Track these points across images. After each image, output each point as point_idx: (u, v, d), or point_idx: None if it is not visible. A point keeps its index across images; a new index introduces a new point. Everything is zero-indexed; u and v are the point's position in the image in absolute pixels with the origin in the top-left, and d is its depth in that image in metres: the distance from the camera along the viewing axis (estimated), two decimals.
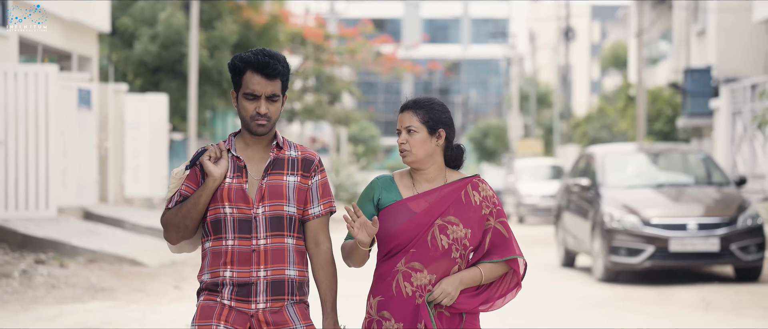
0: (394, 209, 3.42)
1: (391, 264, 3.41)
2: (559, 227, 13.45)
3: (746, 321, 8.68)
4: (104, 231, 13.77)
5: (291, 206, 3.35)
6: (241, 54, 3.34)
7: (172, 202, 3.39)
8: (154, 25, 21.04)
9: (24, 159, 12.18)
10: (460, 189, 3.44)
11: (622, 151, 13.59)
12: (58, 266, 11.14)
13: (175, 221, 3.34)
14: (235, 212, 3.32)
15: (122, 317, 8.53)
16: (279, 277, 3.33)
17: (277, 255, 3.33)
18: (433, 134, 3.43)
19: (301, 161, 3.41)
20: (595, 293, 10.61)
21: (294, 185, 3.37)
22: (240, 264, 3.31)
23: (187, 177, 3.39)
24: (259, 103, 3.31)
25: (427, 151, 3.43)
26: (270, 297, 3.32)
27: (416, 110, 3.44)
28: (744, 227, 11.03)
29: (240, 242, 3.31)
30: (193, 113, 20.36)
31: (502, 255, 3.42)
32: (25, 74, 12.16)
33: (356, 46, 27.78)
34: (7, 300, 9.18)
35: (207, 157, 3.33)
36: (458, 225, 3.40)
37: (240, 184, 3.34)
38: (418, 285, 3.37)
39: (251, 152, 3.39)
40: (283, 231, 3.34)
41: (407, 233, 3.38)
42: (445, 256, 3.38)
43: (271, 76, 3.30)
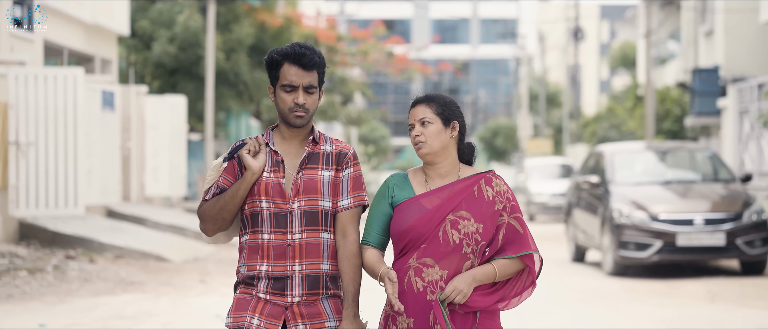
0: (406, 206, 3.40)
1: (404, 260, 3.39)
2: (569, 224, 13.83)
3: (751, 311, 9.05)
4: (128, 229, 14.22)
5: (326, 200, 3.38)
6: (278, 48, 3.39)
7: (210, 194, 3.41)
8: (171, 27, 21.50)
9: (53, 159, 12.63)
10: (473, 184, 3.42)
11: (630, 149, 13.98)
12: (87, 261, 11.59)
13: (212, 213, 3.37)
14: (272, 207, 3.35)
15: (154, 308, 8.96)
16: (314, 271, 3.36)
17: (312, 249, 3.36)
18: (448, 125, 3.43)
19: (336, 155, 3.43)
20: (605, 286, 10.99)
21: (328, 179, 3.39)
22: (276, 258, 3.34)
23: (225, 170, 3.41)
24: (297, 94, 3.35)
25: (443, 142, 3.41)
26: (305, 291, 3.35)
27: (429, 103, 3.45)
28: (749, 222, 11.40)
29: (276, 236, 3.34)
30: (210, 114, 20.81)
31: (516, 251, 3.38)
32: (55, 77, 12.61)
33: (368, 47, 28.21)
34: (44, 293, 9.63)
35: (246, 150, 3.36)
36: (470, 220, 3.37)
37: (277, 179, 3.37)
38: (430, 280, 3.35)
39: (288, 147, 3.42)
40: (318, 226, 3.37)
41: (418, 228, 3.36)
42: (456, 251, 3.35)
43: (308, 67, 3.35)
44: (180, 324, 8.10)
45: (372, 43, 28.44)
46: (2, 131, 12.31)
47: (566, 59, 45.30)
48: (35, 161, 12.53)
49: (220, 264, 12.58)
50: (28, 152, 12.47)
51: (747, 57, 21.30)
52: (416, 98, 3.50)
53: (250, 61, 22.38)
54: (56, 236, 12.53)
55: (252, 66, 22.36)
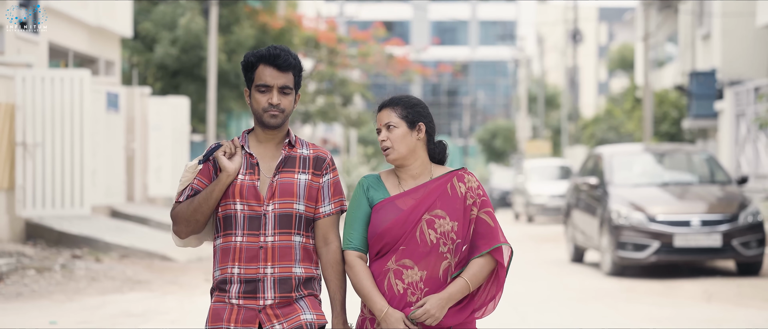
0: (382, 207, 3.39)
1: (382, 262, 3.38)
2: (568, 225, 14.02)
3: (747, 311, 9.23)
4: (132, 229, 14.39)
5: (300, 204, 3.37)
6: (254, 50, 3.40)
7: (184, 196, 3.39)
8: (174, 29, 21.67)
9: (59, 160, 12.81)
10: (445, 182, 3.42)
11: (628, 151, 14.16)
12: (94, 261, 11.77)
13: (185, 214, 3.35)
14: (246, 209, 3.33)
15: (161, 306, 9.13)
16: (286, 274, 3.34)
17: (284, 252, 3.34)
18: (413, 127, 3.42)
19: (313, 160, 3.42)
20: (603, 286, 11.17)
21: (305, 183, 3.38)
22: (247, 260, 3.31)
23: (200, 172, 3.40)
24: (272, 94, 3.34)
25: (409, 146, 3.41)
26: (278, 294, 3.34)
27: (393, 107, 3.44)
28: (745, 223, 11.59)
29: (248, 238, 3.32)
30: (211, 115, 20.98)
31: (487, 245, 3.38)
32: (61, 79, 12.78)
33: (368, 49, 28.40)
34: (53, 291, 9.81)
35: (222, 152, 3.35)
36: (445, 218, 3.37)
37: (252, 181, 3.35)
38: (410, 282, 3.35)
39: (264, 150, 3.41)
40: (291, 229, 3.35)
41: (395, 230, 3.35)
42: (433, 251, 3.35)
43: (283, 68, 3.34)
44: (188, 322, 8.27)
45: (372, 45, 28.62)
46: (9, 132, 12.49)
47: (565, 61, 45.50)
48: (42, 162, 12.70)
49: None
50: (34, 152, 12.64)
51: (744, 60, 21.50)
52: (381, 102, 3.50)
53: None
54: (62, 236, 12.71)
55: None
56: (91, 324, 8.06)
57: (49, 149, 12.74)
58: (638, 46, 29.35)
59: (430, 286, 3.35)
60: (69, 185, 12.88)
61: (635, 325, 8.42)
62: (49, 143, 12.72)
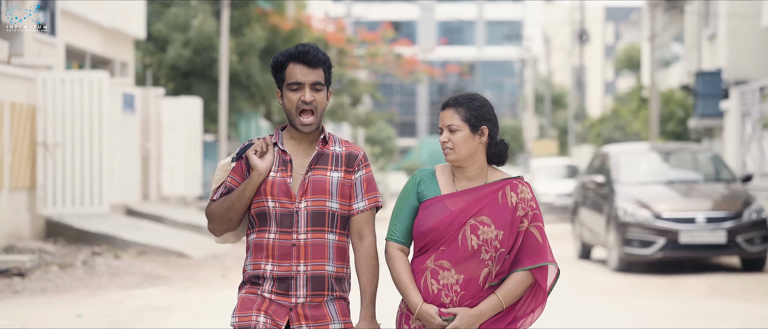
0: (431, 204, 3.37)
1: (422, 259, 3.37)
2: (576, 222, 14.29)
3: (750, 305, 9.50)
4: (148, 227, 14.72)
5: (334, 202, 3.35)
6: (282, 50, 3.39)
7: (217, 194, 3.40)
8: (186, 31, 22.00)
9: (79, 160, 13.13)
10: (498, 190, 3.37)
11: (635, 150, 14.42)
12: (113, 257, 12.09)
13: (219, 213, 3.35)
14: (278, 207, 3.32)
15: (182, 300, 9.44)
16: (319, 272, 3.33)
17: (317, 250, 3.32)
18: (476, 131, 3.37)
19: (345, 157, 3.40)
20: (610, 282, 11.44)
21: (337, 180, 3.36)
22: (280, 258, 3.31)
23: (233, 170, 3.40)
24: (304, 91, 3.33)
25: (470, 149, 3.36)
26: (310, 292, 3.32)
27: (457, 108, 3.38)
28: (749, 220, 11.85)
29: (281, 236, 3.31)
30: (223, 115, 21.30)
31: (533, 261, 3.33)
32: (80, 81, 13.11)
33: (377, 50, 28.71)
34: (76, 287, 10.13)
35: (253, 151, 3.34)
36: (490, 226, 3.32)
37: (284, 178, 3.34)
38: (445, 283, 3.32)
39: (297, 146, 3.39)
40: (324, 227, 3.34)
41: (439, 230, 3.32)
42: (474, 257, 3.32)
43: (313, 64, 3.33)
44: (208, 315, 8.57)
45: (381, 46, 28.93)
46: (30, 133, 12.82)
47: (571, 61, 45.73)
48: (62, 162, 13.03)
49: (238, 261, 13.06)
50: (55, 152, 12.97)
51: (749, 60, 21.74)
52: (445, 101, 3.43)
53: (262, 63, 22.88)
54: (81, 234, 13.03)
55: (264, 68, 22.86)
56: (115, 317, 8.37)
57: (68, 148, 13.06)
58: (644, 46, 29.60)
59: (466, 290, 3.31)
60: (88, 184, 13.21)
61: (641, 319, 8.69)
62: (69, 143, 13.05)
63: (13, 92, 12.36)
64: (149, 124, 17.68)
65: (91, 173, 13.20)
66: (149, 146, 17.60)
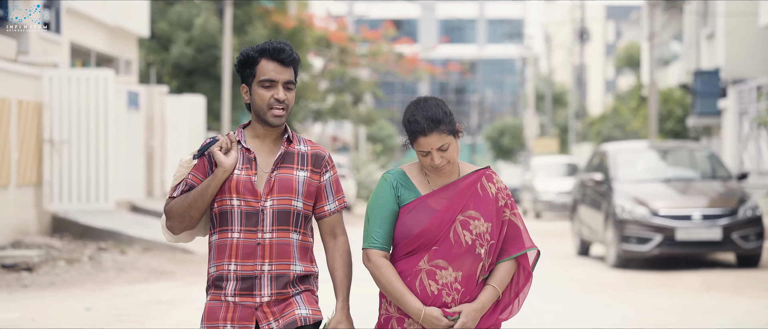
0: (414, 206, 3.33)
1: (412, 262, 3.32)
2: (574, 219, 14.49)
3: (743, 300, 9.70)
4: (153, 223, 14.91)
5: (299, 201, 3.31)
6: (253, 46, 3.33)
7: (178, 191, 3.32)
8: (189, 29, 22.21)
9: (85, 157, 13.34)
10: (475, 182, 3.38)
11: (633, 148, 14.62)
12: (119, 253, 12.30)
13: (179, 210, 3.28)
14: (243, 205, 3.27)
15: (187, 295, 9.64)
16: (284, 271, 3.29)
17: (282, 249, 3.28)
18: (457, 135, 3.39)
19: (312, 157, 3.37)
20: (608, 278, 11.64)
21: (304, 179, 3.33)
22: (244, 257, 3.25)
23: (195, 167, 3.33)
24: (277, 89, 3.28)
25: (458, 151, 3.38)
26: (275, 291, 3.28)
27: (439, 127, 3.31)
28: (744, 217, 12.05)
29: (245, 235, 3.26)
30: (226, 112, 21.51)
31: (517, 249, 3.40)
32: (86, 79, 13.31)
33: (378, 48, 28.91)
34: (83, 281, 10.33)
35: (218, 147, 3.28)
36: (479, 220, 3.33)
37: (249, 176, 3.29)
38: (444, 283, 3.31)
39: (261, 145, 3.35)
40: (288, 226, 3.29)
41: (431, 231, 3.30)
42: (469, 252, 3.32)
43: (287, 63, 3.29)
44: None
45: (382, 44, 29.13)
46: (37, 130, 13.02)
47: (572, 60, 45.91)
48: (68, 158, 13.24)
49: None
50: (61, 149, 13.17)
51: (747, 59, 21.94)
52: (423, 127, 3.31)
53: None
54: (87, 230, 13.23)
55: None
56: (123, 310, 8.57)
57: (74, 145, 13.27)
58: (644, 45, 29.79)
59: (466, 287, 3.32)
60: (94, 180, 13.41)
61: (636, 314, 8.89)
62: (75, 140, 13.25)
63: (20, 90, 12.57)
64: (153, 121, 17.88)
65: (97, 169, 13.41)
66: (153, 143, 17.81)
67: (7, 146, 12.08)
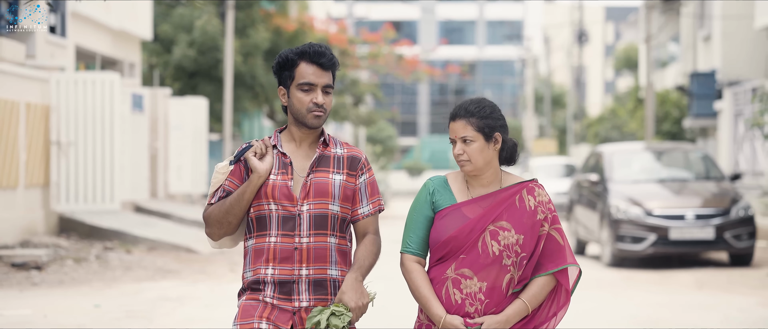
0: (448, 213, 3.30)
1: (441, 269, 3.30)
2: (571, 219, 14.77)
3: (734, 297, 9.96)
4: (157, 223, 15.18)
5: (335, 204, 3.29)
6: (293, 48, 3.31)
7: (215, 197, 3.31)
8: (191, 32, 22.47)
9: (91, 158, 13.62)
10: (515, 194, 3.31)
11: (628, 149, 14.89)
12: (124, 252, 12.57)
13: (217, 217, 3.27)
14: (280, 210, 3.25)
15: (194, 292, 9.91)
16: (321, 276, 3.27)
17: (320, 253, 3.26)
18: (490, 140, 3.29)
19: (347, 159, 3.35)
20: (603, 276, 11.90)
21: (340, 183, 3.31)
22: (282, 261, 3.24)
23: (231, 173, 3.32)
24: (316, 93, 3.27)
25: (486, 158, 3.29)
26: (312, 296, 3.26)
27: (469, 118, 3.29)
28: (737, 217, 12.32)
29: (283, 239, 3.24)
30: (228, 114, 21.77)
31: (555, 265, 3.29)
32: (93, 82, 13.59)
33: (378, 50, 29.19)
34: (91, 279, 10.60)
35: (252, 153, 3.27)
36: (510, 231, 3.27)
37: (285, 181, 3.27)
38: (468, 292, 3.26)
39: (296, 149, 3.34)
40: (326, 230, 3.27)
41: (459, 239, 3.26)
42: (495, 263, 3.26)
43: (326, 66, 3.28)
44: (220, 305, 9.03)
45: (382, 47, 29.41)
46: (44, 132, 13.29)
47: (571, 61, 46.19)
48: (74, 160, 13.51)
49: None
50: (68, 151, 13.45)
51: (742, 62, 22.21)
52: (455, 111, 3.33)
53: (266, 64, 23.35)
54: (93, 230, 13.50)
55: (268, 69, 23.33)
56: (132, 307, 8.83)
57: (81, 147, 13.54)
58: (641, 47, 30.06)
59: (490, 298, 3.27)
60: (100, 181, 13.69)
61: (630, 310, 9.15)
62: (82, 142, 13.53)
63: (28, 93, 12.84)
64: (157, 123, 18.15)
65: (103, 171, 13.69)
66: (157, 145, 18.07)
67: (16, 148, 12.36)
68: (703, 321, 8.44)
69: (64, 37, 15.91)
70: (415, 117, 70.41)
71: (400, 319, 4.20)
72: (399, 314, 3.97)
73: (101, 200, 13.64)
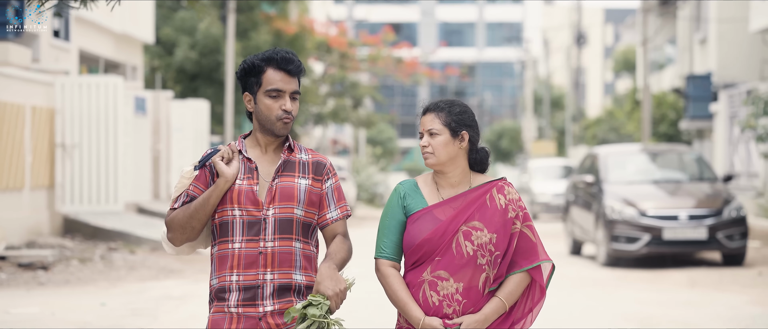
0: (420, 216, 3.33)
1: (417, 273, 3.32)
2: (567, 220, 15.00)
3: (725, 295, 10.20)
4: (159, 224, 15.41)
5: (300, 209, 3.29)
6: (258, 54, 3.30)
7: (179, 202, 3.30)
8: (193, 35, 22.72)
9: (96, 160, 13.87)
10: (485, 193, 3.35)
11: (623, 151, 15.13)
12: (128, 252, 12.81)
13: (181, 221, 3.25)
14: (244, 215, 3.24)
15: (197, 291, 10.15)
16: (286, 281, 3.26)
17: (285, 258, 3.25)
18: (456, 136, 3.35)
19: (313, 165, 3.35)
20: (598, 275, 12.14)
21: (305, 187, 3.31)
22: (246, 267, 3.22)
23: (196, 178, 3.31)
24: (284, 100, 3.27)
25: (450, 154, 3.35)
26: (277, 300, 3.25)
27: (438, 113, 3.36)
28: (729, 218, 12.55)
29: (247, 244, 3.23)
30: (229, 117, 22.02)
31: (529, 262, 3.34)
32: (97, 85, 13.84)
33: (378, 53, 29.45)
34: (96, 279, 10.85)
35: (219, 157, 3.26)
36: (483, 230, 3.31)
37: (250, 186, 3.27)
38: (445, 294, 3.29)
39: (262, 154, 3.33)
40: (291, 234, 3.27)
41: (433, 241, 3.29)
42: (470, 263, 3.29)
43: (294, 73, 3.28)
44: None
45: (382, 49, 29.66)
46: (49, 134, 13.54)
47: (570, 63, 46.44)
48: (79, 162, 13.76)
49: None
50: (72, 153, 13.69)
51: (737, 64, 22.46)
52: (426, 106, 3.41)
53: None
54: (97, 230, 13.74)
55: None
56: (137, 305, 9.07)
57: (85, 149, 13.79)
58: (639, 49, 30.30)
59: (468, 298, 3.30)
60: (104, 183, 13.94)
61: (621, 307, 9.39)
62: (86, 144, 13.78)
63: (34, 96, 13.09)
64: (159, 126, 18.39)
65: (107, 172, 13.93)
66: (159, 147, 18.31)
67: (22, 150, 12.60)
68: (693, 318, 8.68)
69: (68, 41, 16.15)
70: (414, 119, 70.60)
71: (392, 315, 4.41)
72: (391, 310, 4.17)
73: (105, 202, 13.89)
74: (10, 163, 12.28)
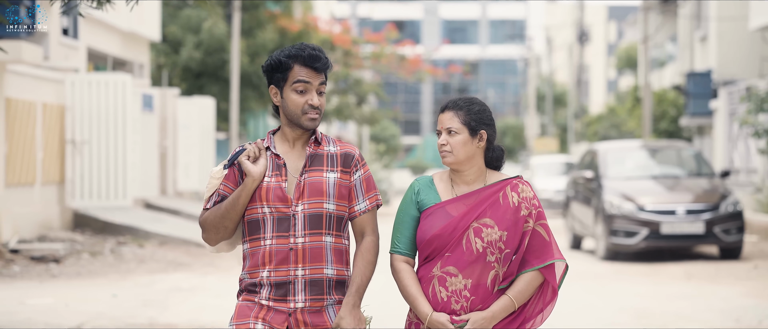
0: (432, 212, 3.35)
1: (428, 268, 3.34)
2: (567, 215, 15.26)
3: (720, 287, 10.45)
4: (167, 219, 15.70)
5: (331, 203, 3.28)
6: (284, 50, 3.30)
7: (211, 202, 3.31)
8: (198, 33, 22.98)
9: (105, 156, 14.15)
10: (498, 191, 3.35)
11: (622, 147, 15.38)
12: (137, 247, 13.09)
13: (213, 222, 3.27)
14: (274, 212, 3.25)
15: (205, 283, 10.42)
16: (317, 276, 3.26)
17: (315, 253, 3.26)
18: (475, 135, 3.36)
19: (341, 157, 3.34)
20: (597, 269, 12.40)
21: (334, 181, 3.30)
22: (277, 263, 3.23)
23: (225, 177, 3.32)
24: (311, 95, 3.27)
25: (468, 153, 3.35)
26: (309, 297, 3.26)
27: (457, 111, 3.36)
28: (726, 212, 12.81)
29: (278, 240, 3.24)
30: (235, 114, 22.28)
31: (541, 261, 3.31)
32: (106, 83, 14.12)
33: (381, 50, 29.68)
34: (107, 272, 11.12)
35: (245, 156, 3.27)
36: (493, 228, 3.30)
37: (278, 183, 3.28)
38: (454, 290, 3.30)
39: (290, 150, 3.34)
40: (321, 230, 3.27)
41: (443, 237, 3.30)
42: (479, 260, 3.29)
43: (321, 69, 3.28)
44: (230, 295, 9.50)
45: (385, 47, 29.90)
46: (60, 131, 13.82)
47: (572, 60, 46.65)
48: (89, 158, 14.05)
49: None
50: (82, 149, 13.98)
51: (737, 62, 22.69)
52: (445, 104, 3.42)
53: None
54: (106, 225, 14.03)
55: None
56: (147, 297, 9.35)
57: (95, 146, 14.08)
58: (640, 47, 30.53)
59: (476, 295, 3.31)
60: (113, 178, 14.22)
61: (618, 298, 9.65)
62: (95, 140, 14.06)
63: (45, 93, 13.37)
64: (166, 123, 18.67)
65: (115, 168, 14.22)
66: (166, 143, 18.59)
67: (33, 146, 12.89)
68: (687, 310, 8.93)
69: (77, 39, 16.42)
70: (418, 116, 70.89)
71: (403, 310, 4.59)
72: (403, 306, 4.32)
73: (114, 197, 14.18)
74: (22, 159, 12.56)
